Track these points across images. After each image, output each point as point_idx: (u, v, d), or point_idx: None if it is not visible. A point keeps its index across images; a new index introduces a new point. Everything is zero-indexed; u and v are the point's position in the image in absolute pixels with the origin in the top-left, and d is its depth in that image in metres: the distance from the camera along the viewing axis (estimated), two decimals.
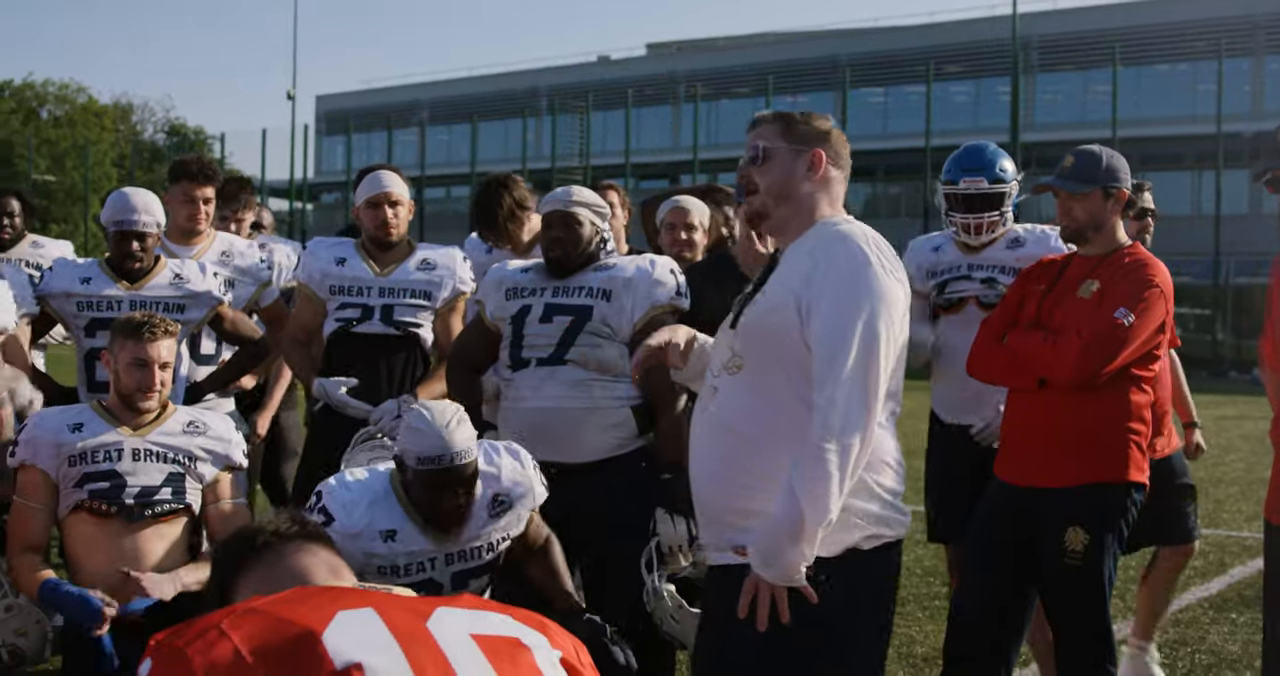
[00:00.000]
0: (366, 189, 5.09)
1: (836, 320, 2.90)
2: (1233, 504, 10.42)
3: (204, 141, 61.35)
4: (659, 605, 4.07)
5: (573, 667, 1.90)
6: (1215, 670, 5.64)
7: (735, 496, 3.03)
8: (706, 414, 3.14)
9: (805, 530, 2.83)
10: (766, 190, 3.12)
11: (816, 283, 2.94)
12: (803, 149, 3.12)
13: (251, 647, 1.71)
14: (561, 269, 4.43)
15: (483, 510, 3.78)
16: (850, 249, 2.97)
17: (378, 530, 3.64)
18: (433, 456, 3.57)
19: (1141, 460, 4.08)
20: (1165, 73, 41.20)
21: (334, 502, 3.66)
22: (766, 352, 3.01)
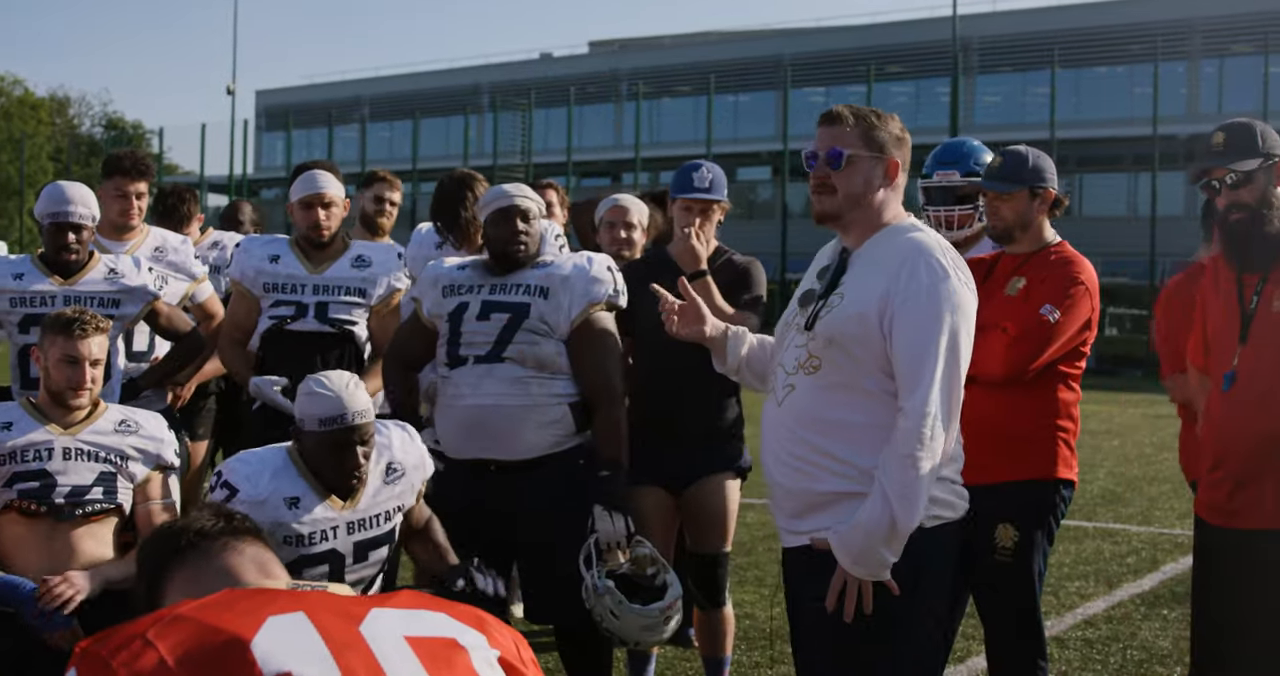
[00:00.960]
0: (299, 188, 5.05)
1: (921, 333, 3.08)
2: (1165, 501, 10.55)
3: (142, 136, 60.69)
4: (599, 602, 4.08)
5: (511, 666, 1.87)
6: (1147, 665, 5.71)
7: (813, 483, 3.19)
8: (782, 409, 3.27)
9: (896, 533, 3.06)
10: (846, 197, 3.24)
11: (899, 296, 3.10)
12: (881, 157, 3.24)
13: (178, 657, 1.67)
14: (510, 265, 4.41)
15: (377, 478, 3.93)
16: (930, 262, 3.13)
17: (282, 497, 3.78)
18: (333, 417, 3.73)
19: (1070, 457, 4.13)
20: (1103, 75, 41.60)
21: (236, 476, 3.80)
22: (846, 356, 3.16)
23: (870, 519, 3.05)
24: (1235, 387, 3.78)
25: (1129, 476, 12.09)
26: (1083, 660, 5.76)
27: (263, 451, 3.93)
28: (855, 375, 3.15)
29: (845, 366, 3.16)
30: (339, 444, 3.76)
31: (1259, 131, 3.80)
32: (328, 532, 3.84)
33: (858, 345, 3.14)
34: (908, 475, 3.03)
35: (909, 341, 3.08)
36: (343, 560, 3.88)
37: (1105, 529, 9.21)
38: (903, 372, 3.09)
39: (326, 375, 3.83)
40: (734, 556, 5.95)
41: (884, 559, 3.07)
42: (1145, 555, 8.26)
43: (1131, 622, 6.47)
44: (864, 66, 36.54)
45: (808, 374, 3.21)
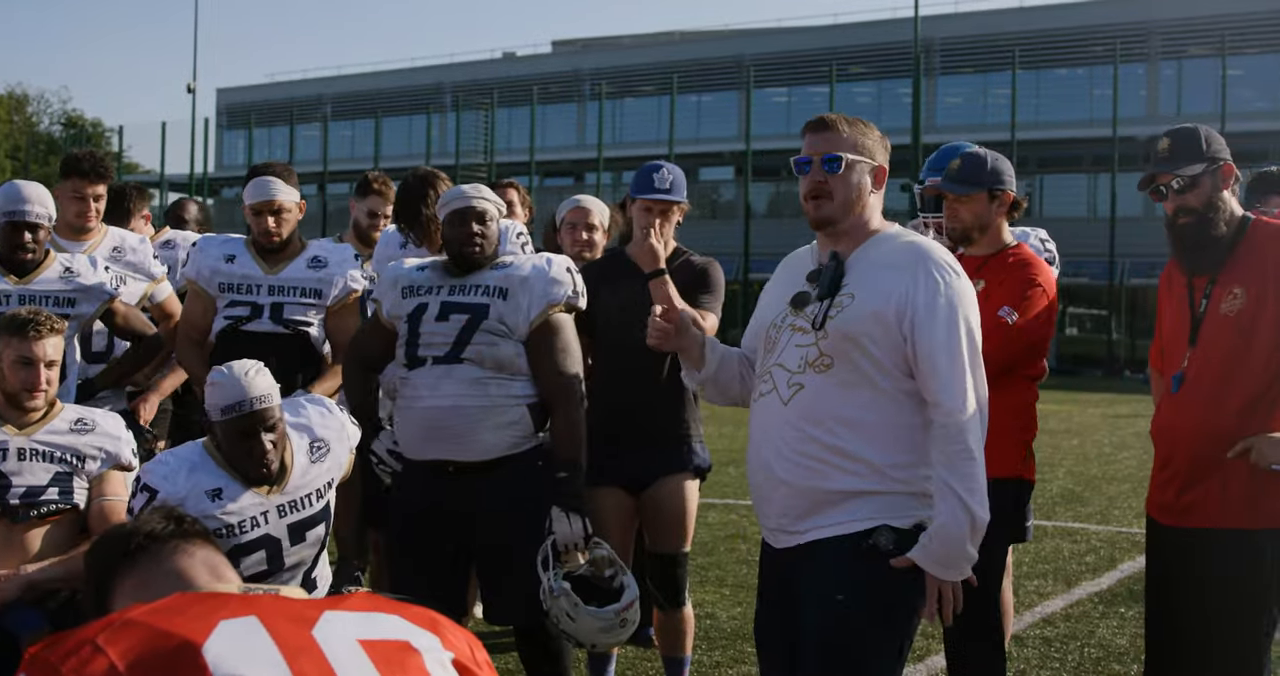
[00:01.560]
0: (250, 195, 5.01)
1: (947, 335, 3.16)
2: (1124, 501, 10.62)
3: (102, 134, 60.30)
4: (555, 603, 4.08)
5: (466, 668, 1.86)
6: (1104, 663, 5.75)
7: (823, 481, 3.20)
8: (789, 408, 3.26)
9: (977, 528, 3.13)
10: (843, 202, 3.30)
11: (919, 301, 3.17)
12: (871, 163, 3.33)
13: (128, 663, 1.64)
14: (468, 266, 4.40)
15: (303, 456, 3.98)
16: (938, 264, 3.22)
17: (203, 491, 3.81)
18: (234, 403, 3.78)
19: (1029, 457, 4.16)
20: (1063, 76, 41.86)
21: (154, 477, 3.83)
22: (861, 354, 3.20)
23: (951, 522, 3.10)
24: (1183, 388, 3.81)
25: (1088, 476, 12.17)
26: (1041, 658, 5.79)
27: (179, 449, 3.98)
28: (870, 373, 3.19)
29: (861, 364, 3.20)
30: (243, 431, 3.80)
31: (1203, 136, 3.82)
32: (258, 519, 3.87)
33: (874, 344, 3.19)
34: (971, 468, 3.12)
35: (937, 344, 3.15)
36: (279, 544, 3.93)
37: (1064, 528, 9.26)
38: (934, 373, 3.15)
39: (229, 364, 3.86)
40: (694, 556, 5.96)
41: (971, 555, 3.14)
42: (1104, 554, 8.31)
43: (1089, 621, 6.51)
44: (826, 67, 36.69)
45: (818, 372, 3.23)
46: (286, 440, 3.96)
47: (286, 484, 3.93)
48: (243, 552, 3.82)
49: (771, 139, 38.01)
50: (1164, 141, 3.86)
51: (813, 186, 3.31)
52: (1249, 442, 3.67)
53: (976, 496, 3.11)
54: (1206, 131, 3.84)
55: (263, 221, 4.97)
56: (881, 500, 3.17)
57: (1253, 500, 3.68)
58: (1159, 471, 3.93)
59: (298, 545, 3.96)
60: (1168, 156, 3.82)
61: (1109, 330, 34.60)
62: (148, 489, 3.80)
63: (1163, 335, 4.05)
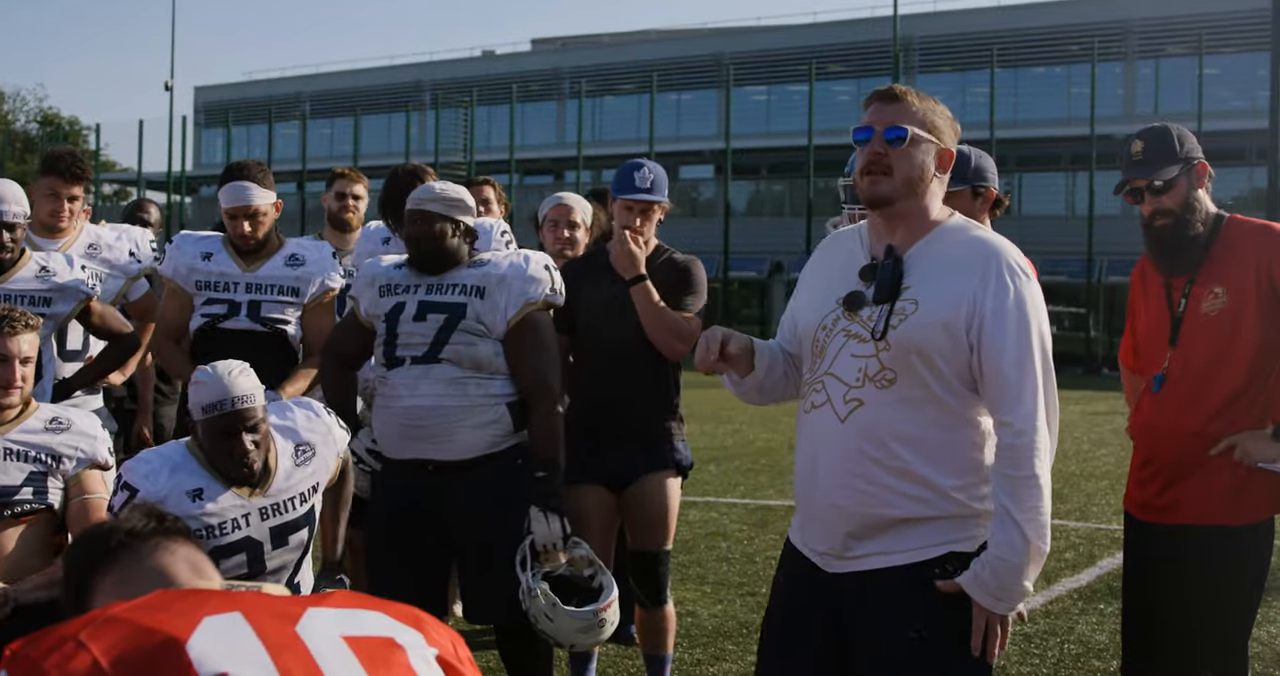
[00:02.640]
0: (225, 198, 4.97)
1: (1019, 343, 2.89)
2: (1102, 497, 10.67)
3: (79, 132, 60.04)
4: (534, 603, 4.07)
5: (449, 664, 1.86)
6: (1083, 659, 5.77)
7: (891, 507, 2.95)
8: (847, 426, 2.98)
9: (1034, 558, 2.85)
10: (904, 180, 2.98)
11: (989, 304, 2.89)
12: (938, 144, 3.02)
13: (112, 659, 1.63)
14: (430, 266, 4.38)
15: (288, 459, 3.94)
16: (1010, 264, 2.94)
17: (184, 491, 3.78)
18: (216, 402, 3.75)
19: None
20: (1041, 75, 42.04)
21: (135, 476, 3.80)
22: (927, 368, 2.92)
23: (1008, 552, 2.83)
24: (1165, 388, 3.82)
25: (1067, 473, 12.21)
26: (1021, 654, 5.81)
27: (161, 447, 3.96)
28: (936, 388, 2.93)
29: (927, 379, 2.92)
30: (224, 430, 3.76)
31: (1176, 136, 3.81)
32: (239, 521, 3.84)
33: (941, 357, 2.91)
34: (1033, 496, 2.83)
35: (1006, 353, 2.88)
36: (260, 547, 3.89)
37: None
38: (1002, 385, 2.88)
39: (213, 363, 3.83)
40: (675, 554, 5.96)
41: (1025, 589, 2.88)
42: (1083, 550, 8.35)
43: (1069, 617, 6.53)
44: (805, 65, 36.74)
45: (880, 387, 2.94)
46: (270, 442, 3.92)
47: (270, 486, 3.89)
48: (223, 554, 3.79)
49: (751, 137, 38.15)
50: (1137, 144, 3.85)
51: (871, 159, 2.98)
52: (1233, 440, 3.68)
53: (1037, 526, 2.83)
54: (1179, 130, 3.84)
55: (238, 225, 4.94)
56: (946, 524, 2.93)
57: (1235, 496, 3.70)
58: (1139, 469, 3.94)
59: (279, 549, 3.93)
60: (1142, 159, 3.81)
61: (1087, 328, 34.76)
62: (128, 487, 3.78)
63: (1137, 333, 4.06)
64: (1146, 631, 3.91)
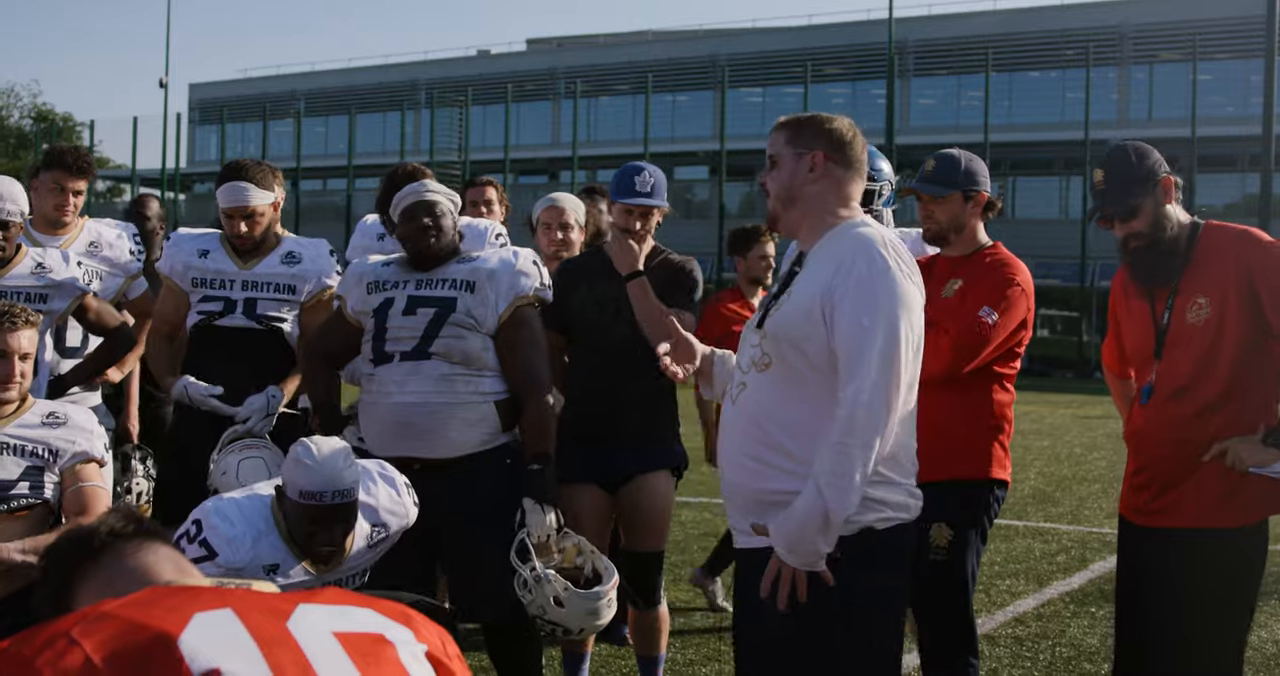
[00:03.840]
0: (222, 198, 4.94)
1: (859, 324, 3.06)
2: (1094, 501, 10.68)
3: (73, 128, 59.96)
4: (540, 592, 4.06)
5: (438, 661, 1.87)
6: (1075, 662, 5.77)
7: (765, 482, 3.19)
8: (735, 408, 3.29)
9: (829, 523, 3.03)
10: (775, 196, 3.30)
11: (839, 288, 3.10)
12: (804, 152, 3.26)
13: (104, 655, 1.63)
14: (426, 261, 4.39)
15: (363, 540, 3.88)
16: (870, 254, 3.12)
17: (260, 564, 3.70)
18: (316, 492, 3.65)
19: (1004, 457, 4.17)
20: (1036, 80, 42.09)
21: (217, 538, 3.68)
22: (794, 352, 3.16)
23: (803, 508, 3.03)
24: (1153, 399, 3.84)
25: (1059, 476, 12.23)
26: (1013, 657, 5.81)
27: (246, 506, 3.80)
28: (805, 371, 3.15)
29: (795, 363, 3.16)
30: (318, 519, 3.69)
31: (1135, 158, 3.80)
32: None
33: (805, 341, 3.14)
34: (839, 466, 3.01)
35: (847, 331, 3.07)
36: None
37: (1035, 528, 9.30)
38: (842, 363, 3.08)
39: (317, 443, 3.72)
40: (668, 554, 5.96)
41: (818, 549, 3.05)
42: (1075, 554, 8.36)
43: (1061, 620, 6.53)
44: (800, 68, 36.75)
45: (759, 371, 3.23)
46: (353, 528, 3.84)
47: (339, 564, 3.84)
48: None
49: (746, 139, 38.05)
50: (1098, 173, 3.88)
51: (762, 189, 3.37)
52: (1224, 446, 3.69)
53: (835, 491, 3.00)
54: (1137, 150, 3.83)
55: (235, 225, 4.93)
56: None
57: (1228, 498, 3.70)
58: (1133, 475, 3.96)
59: None
60: (1105, 188, 3.84)
61: (1080, 332, 34.78)
62: (207, 546, 3.65)
63: (1121, 340, 4.07)
64: (1140, 635, 3.91)
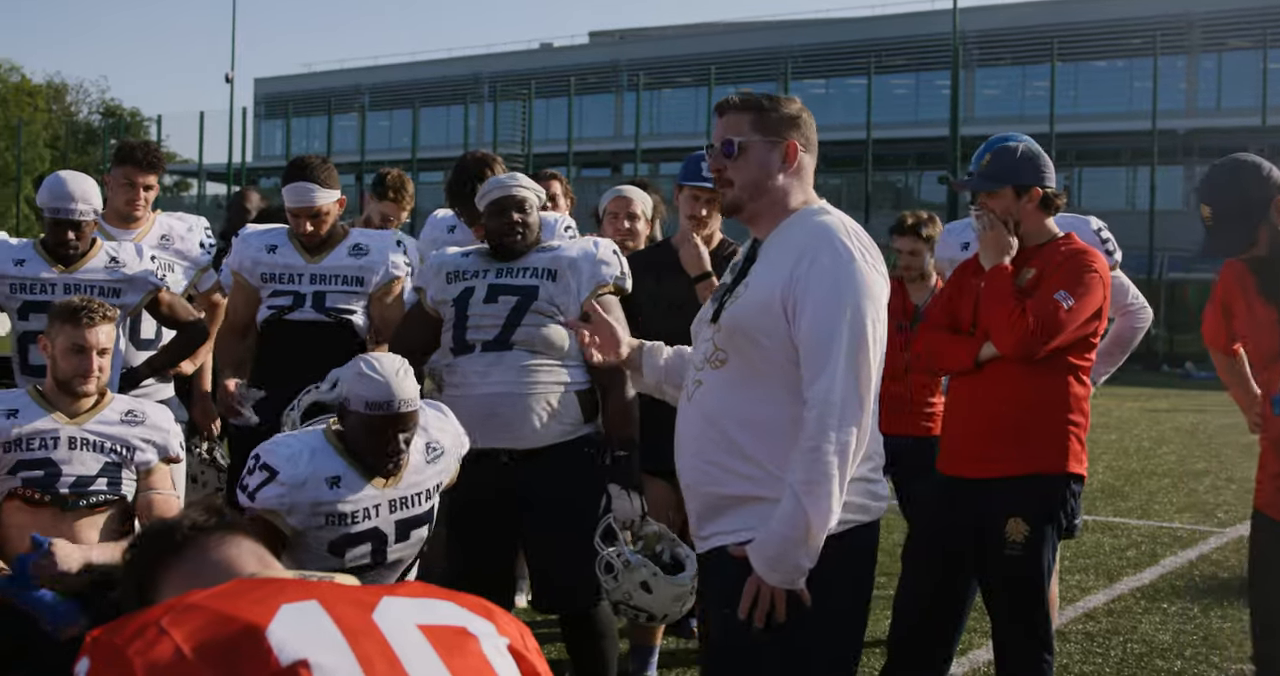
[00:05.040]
0: (288, 197, 4.98)
1: (824, 317, 2.91)
2: (1164, 496, 10.56)
3: (140, 123, 60.62)
4: (627, 577, 4.06)
5: (519, 654, 1.88)
6: (1147, 659, 5.71)
7: (725, 486, 3.05)
8: (691, 406, 3.13)
9: (811, 535, 2.87)
10: (742, 186, 3.10)
11: (801, 280, 2.94)
12: (776, 140, 3.10)
13: (194, 645, 1.65)
14: (509, 253, 4.41)
15: (419, 455, 3.94)
16: (834, 244, 2.97)
17: (323, 477, 3.77)
18: (382, 402, 3.72)
19: (1080, 451, 4.12)
20: (1102, 69, 41.63)
21: (275, 458, 3.77)
22: (751, 348, 3.01)
23: (784, 522, 2.87)
24: None
25: (1127, 470, 12.10)
26: (1083, 653, 5.76)
27: (298, 433, 3.94)
28: (763, 368, 3.00)
29: (753, 359, 3.01)
30: (383, 428, 3.76)
31: (1239, 187, 3.82)
32: (370, 511, 3.85)
33: (764, 335, 2.99)
34: (815, 471, 2.85)
35: (811, 326, 2.92)
36: (385, 539, 3.90)
37: (1105, 522, 9.21)
38: (806, 360, 2.93)
39: (378, 358, 3.82)
40: None
41: (799, 565, 2.90)
42: (1145, 549, 8.26)
43: (1132, 616, 6.47)
44: (864, 59, 36.53)
45: (714, 368, 3.08)
46: None
47: (401, 479, 3.90)
48: (350, 543, 3.81)
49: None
50: (1205, 210, 3.92)
51: (714, 173, 3.16)
52: None
53: (815, 502, 2.84)
54: (1240, 180, 3.83)
55: (301, 223, 4.97)
56: (774, 506, 2.93)
57: None
58: (1274, 477, 3.97)
59: (401, 543, 3.93)
60: (1212, 228, 3.89)
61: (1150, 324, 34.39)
62: (268, 468, 3.76)
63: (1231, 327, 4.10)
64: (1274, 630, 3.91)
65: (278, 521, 3.75)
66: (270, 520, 3.75)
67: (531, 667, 1.88)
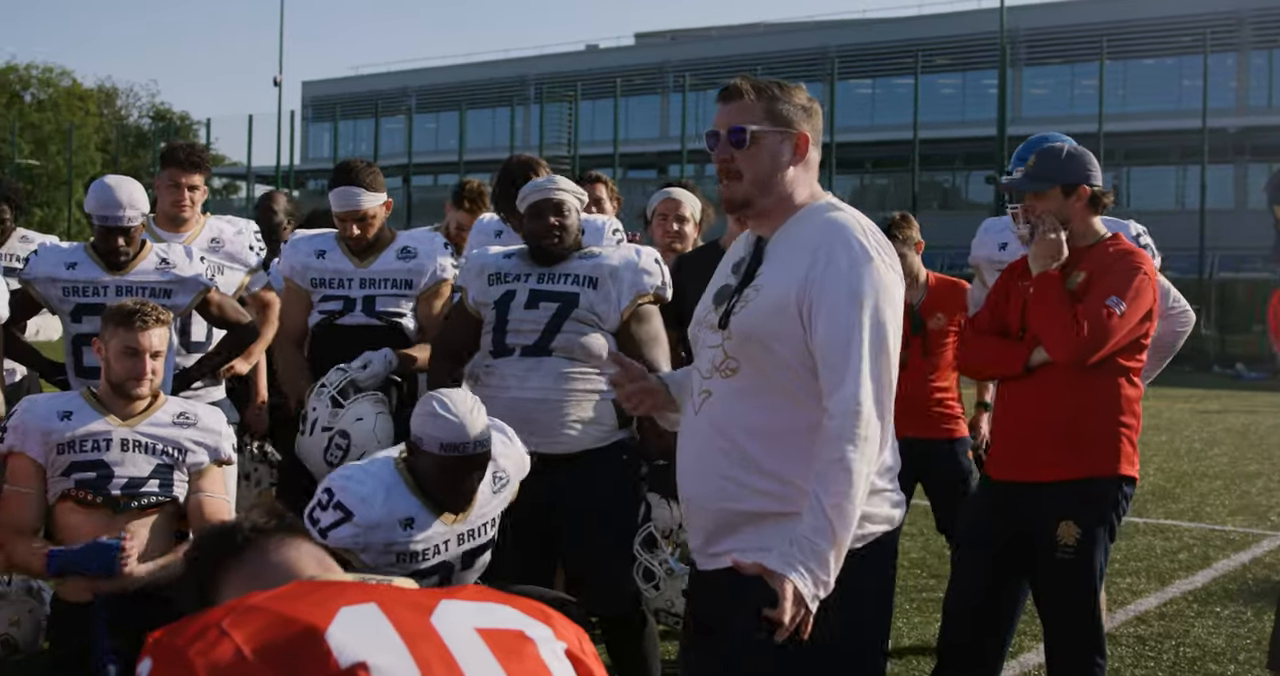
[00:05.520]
0: (335, 202, 5.00)
1: (843, 322, 2.77)
2: (1216, 498, 10.46)
3: (190, 127, 61.18)
4: (670, 585, 4.07)
5: (577, 658, 1.88)
6: (1199, 663, 5.66)
7: (740, 502, 2.89)
8: (699, 418, 2.96)
9: (838, 542, 2.71)
10: (753, 180, 2.93)
11: (817, 282, 2.80)
12: (788, 131, 2.93)
13: (254, 647, 1.66)
14: (549, 257, 4.42)
15: (487, 486, 3.90)
16: (850, 243, 2.83)
17: (397, 519, 3.73)
18: (458, 443, 3.68)
19: (1132, 454, 4.10)
20: (1151, 67, 41.26)
21: (349, 497, 3.71)
22: (764, 355, 2.86)
23: (819, 536, 2.69)
24: None
25: (1179, 472, 11.99)
26: (1135, 657, 5.71)
27: (372, 467, 3.85)
28: (779, 376, 2.84)
29: (767, 367, 2.85)
30: (458, 469, 3.73)
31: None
32: (440, 547, 3.83)
33: (778, 342, 2.83)
34: (839, 478, 2.70)
35: (830, 331, 2.77)
36: (452, 569, 3.90)
37: (1156, 525, 9.13)
38: (826, 366, 2.78)
39: (449, 396, 3.77)
40: None
41: (826, 581, 2.70)
42: (1197, 552, 8.19)
43: (1184, 619, 6.41)
44: (910, 58, 36.36)
45: (725, 376, 2.90)
46: None
47: (470, 512, 3.89)
48: (419, 578, 3.75)
49: (855, 131, 37.83)
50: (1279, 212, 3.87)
51: (720, 164, 2.94)
52: None
53: (840, 514, 2.69)
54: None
55: (348, 227, 5.00)
56: (793, 521, 2.76)
57: None
58: None
59: (466, 571, 3.94)
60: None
61: (1198, 325, 34.04)
62: (341, 507, 3.71)
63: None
64: None
65: (349, 558, 3.69)
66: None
67: (589, 672, 1.88)
